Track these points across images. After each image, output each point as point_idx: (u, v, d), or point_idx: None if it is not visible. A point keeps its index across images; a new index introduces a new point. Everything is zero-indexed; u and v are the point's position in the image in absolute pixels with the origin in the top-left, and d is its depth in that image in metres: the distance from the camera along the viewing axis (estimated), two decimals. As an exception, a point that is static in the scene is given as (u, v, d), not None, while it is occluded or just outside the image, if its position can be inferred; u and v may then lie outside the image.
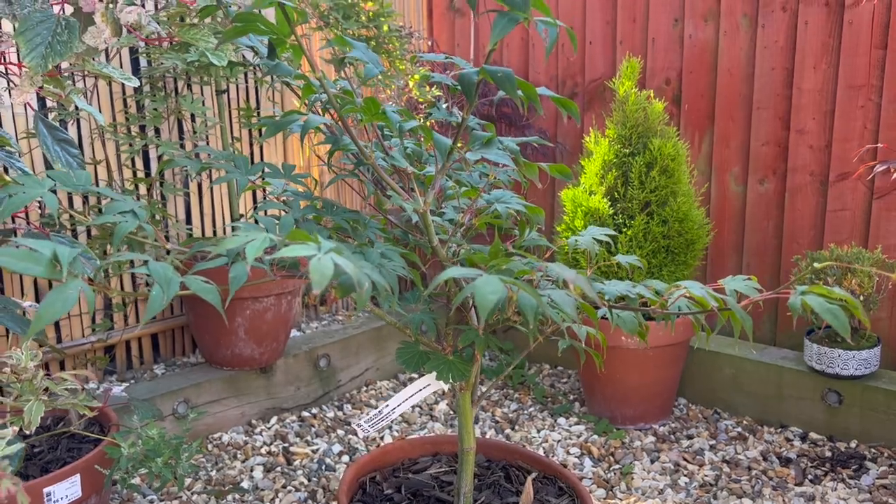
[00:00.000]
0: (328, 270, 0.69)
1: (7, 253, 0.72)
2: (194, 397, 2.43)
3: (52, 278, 0.74)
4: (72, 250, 0.76)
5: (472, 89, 0.89)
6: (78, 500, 1.53)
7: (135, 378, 2.61)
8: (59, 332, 2.43)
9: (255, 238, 0.74)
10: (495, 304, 0.72)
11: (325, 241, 0.75)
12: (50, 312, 0.72)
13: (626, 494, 2.15)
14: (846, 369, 2.37)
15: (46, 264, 0.74)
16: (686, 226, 2.38)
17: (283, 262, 1.13)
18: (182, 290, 0.84)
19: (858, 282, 2.31)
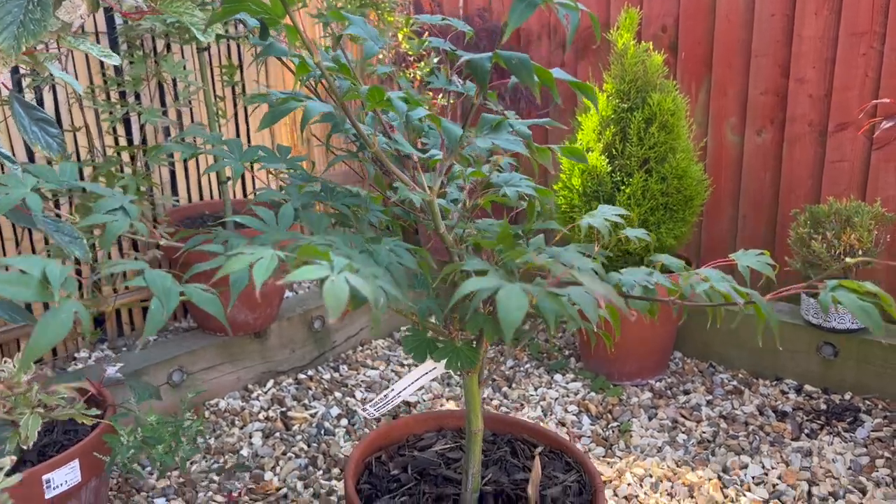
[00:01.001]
0: (343, 294, 0.64)
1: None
2: (189, 365, 2.40)
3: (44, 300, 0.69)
4: (62, 269, 0.71)
5: (485, 76, 0.83)
6: (78, 485, 1.51)
7: (126, 345, 2.57)
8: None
9: (263, 256, 0.69)
10: (520, 319, 0.68)
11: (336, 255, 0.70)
12: (44, 340, 0.67)
13: (626, 453, 2.16)
14: (843, 323, 2.38)
15: (37, 286, 0.69)
16: (685, 182, 2.33)
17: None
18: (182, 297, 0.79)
19: (857, 236, 2.29)
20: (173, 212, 2.51)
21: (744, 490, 1.97)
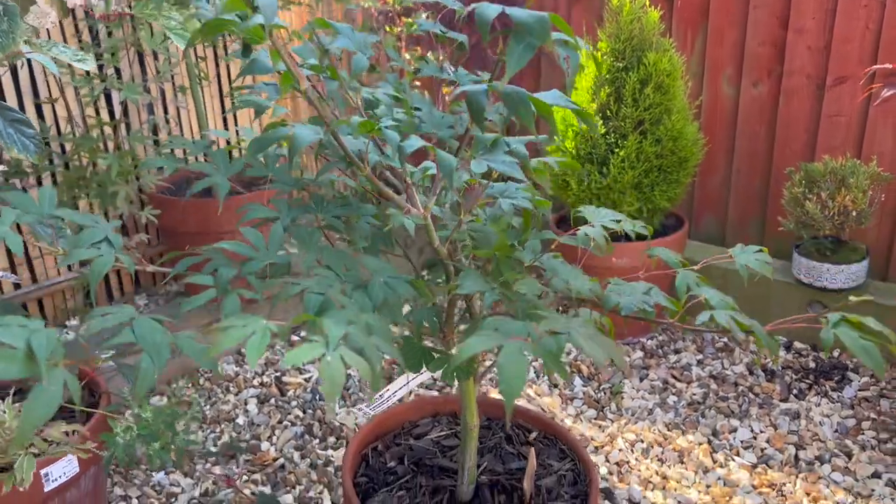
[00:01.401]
0: (340, 377, 0.62)
1: (-25, 359, 0.64)
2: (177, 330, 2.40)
3: (31, 376, 0.66)
4: (49, 338, 0.68)
5: (482, 111, 0.79)
6: (76, 476, 1.51)
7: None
8: (34, 272, 2.35)
9: (255, 330, 0.67)
10: (521, 389, 0.66)
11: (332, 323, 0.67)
12: (35, 417, 0.65)
13: (617, 416, 2.20)
14: (834, 283, 2.38)
15: (22, 360, 0.66)
16: (679, 144, 2.29)
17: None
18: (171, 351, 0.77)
19: (852, 197, 2.27)
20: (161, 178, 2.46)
21: (732, 454, 2.01)
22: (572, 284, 0.97)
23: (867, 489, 1.86)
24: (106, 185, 1.70)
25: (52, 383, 0.67)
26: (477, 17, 0.70)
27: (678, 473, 1.94)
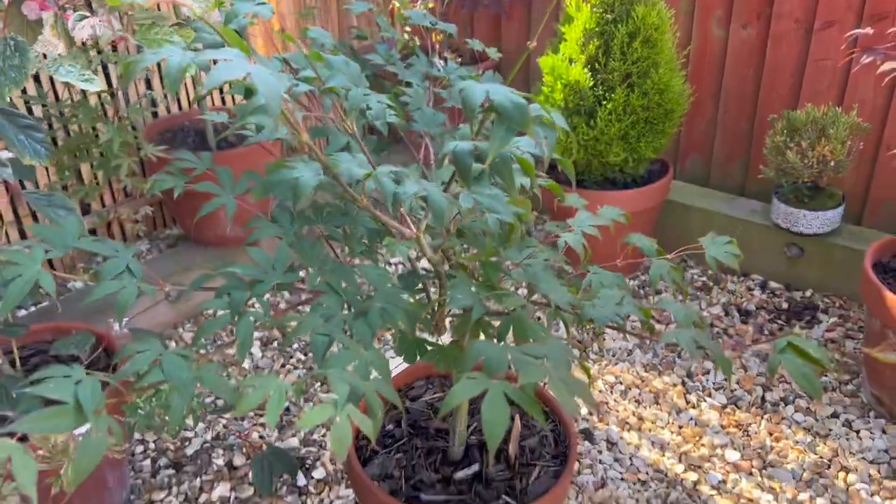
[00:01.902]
0: (347, 437, 0.73)
1: (31, 419, 0.75)
2: (185, 280, 2.50)
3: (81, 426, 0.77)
4: (93, 389, 0.78)
5: (469, 171, 0.87)
6: (101, 435, 1.65)
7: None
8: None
9: (272, 391, 0.77)
10: (502, 434, 0.78)
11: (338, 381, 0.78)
12: (86, 466, 0.76)
13: (599, 357, 2.35)
14: (810, 228, 2.49)
15: (73, 413, 0.77)
16: (666, 97, 2.34)
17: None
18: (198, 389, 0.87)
19: (831, 148, 2.35)
20: (153, 125, 2.50)
21: (705, 396, 2.17)
22: (552, 297, 1.07)
23: (825, 429, 2.03)
24: (109, 157, 1.76)
25: (99, 431, 0.77)
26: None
27: (653, 414, 2.11)
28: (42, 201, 1.55)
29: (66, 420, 0.76)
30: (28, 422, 0.74)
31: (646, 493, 1.87)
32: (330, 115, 1.20)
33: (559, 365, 0.88)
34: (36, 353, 1.87)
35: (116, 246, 1.04)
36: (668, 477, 1.91)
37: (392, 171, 0.92)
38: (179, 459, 1.97)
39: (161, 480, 1.90)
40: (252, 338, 0.99)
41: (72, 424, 0.76)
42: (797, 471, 1.91)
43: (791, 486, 1.87)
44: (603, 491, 1.87)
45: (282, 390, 0.78)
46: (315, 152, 0.92)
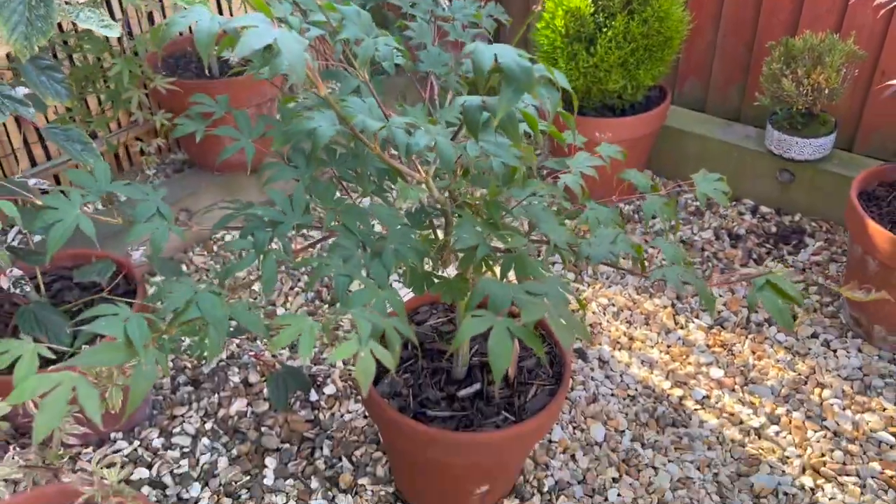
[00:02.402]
0: (371, 369, 0.83)
1: (89, 354, 0.84)
2: (193, 205, 2.58)
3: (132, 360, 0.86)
4: (140, 325, 0.87)
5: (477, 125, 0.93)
6: (126, 356, 1.77)
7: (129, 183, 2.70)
8: (47, 150, 2.47)
9: (303, 330, 0.86)
10: (506, 368, 0.87)
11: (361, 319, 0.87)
12: (139, 392, 0.86)
13: (593, 280, 2.45)
14: (801, 155, 2.55)
15: (123, 348, 0.86)
16: (665, 24, 2.36)
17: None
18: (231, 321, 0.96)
19: (826, 76, 2.38)
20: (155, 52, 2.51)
21: (693, 317, 2.29)
22: (551, 236, 1.16)
23: (805, 348, 2.16)
24: (119, 89, 1.80)
25: (148, 362, 0.87)
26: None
27: (643, 335, 2.23)
28: (60, 136, 1.61)
29: (119, 354, 0.86)
30: (86, 356, 0.84)
31: (634, 407, 2.00)
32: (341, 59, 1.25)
33: (557, 302, 0.97)
34: (57, 279, 1.96)
35: (146, 189, 1.11)
36: (656, 393, 2.04)
37: (404, 122, 0.98)
38: (197, 377, 2.09)
39: (181, 397, 2.03)
40: (276, 275, 1.07)
41: (124, 358, 0.86)
42: (776, 387, 2.04)
43: (770, 401, 2.01)
44: (594, 405, 2.00)
45: (312, 329, 0.87)
46: (332, 105, 0.98)
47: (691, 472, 1.83)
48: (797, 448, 1.88)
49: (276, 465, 1.85)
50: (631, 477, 1.82)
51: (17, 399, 0.77)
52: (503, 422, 1.52)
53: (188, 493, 1.79)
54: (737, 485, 1.80)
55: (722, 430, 1.93)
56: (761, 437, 1.91)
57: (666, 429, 1.94)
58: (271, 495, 1.78)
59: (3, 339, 0.82)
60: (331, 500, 1.77)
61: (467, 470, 1.58)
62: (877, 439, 1.89)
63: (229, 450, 1.89)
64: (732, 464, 1.85)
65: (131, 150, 2.75)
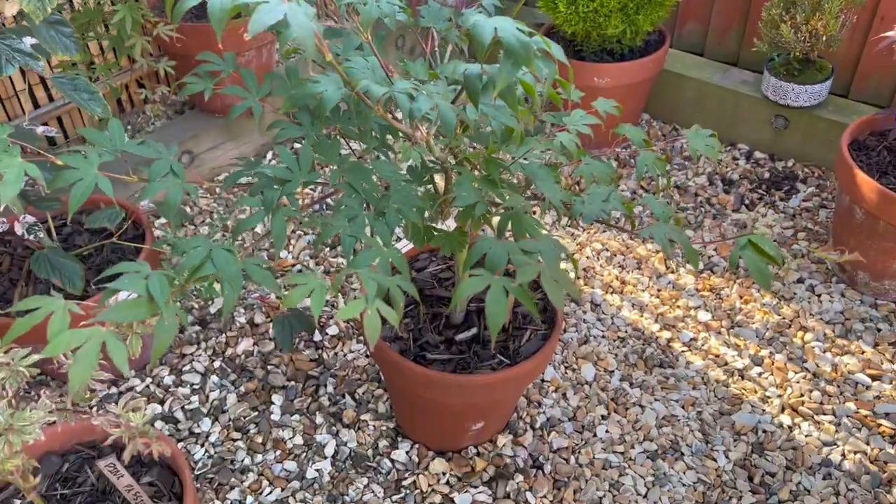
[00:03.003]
0: (378, 325, 0.89)
1: (114, 310, 0.90)
2: (195, 147, 2.61)
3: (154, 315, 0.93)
4: (161, 282, 0.94)
5: (477, 93, 0.98)
6: (137, 298, 1.84)
7: (130, 123, 2.73)
8: (49, 92, 2.49)
9: (314, 288, 0.92)
10: (502, 323, 0.94)
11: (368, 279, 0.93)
12: (162, 345, 0.93)
13: (588, 225, 2.51)
14: (797, 101, 2.58)
15: (145, 304, 0.92)
16: (667, -31, 2.35)
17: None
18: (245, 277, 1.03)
19: (824, 22, 2.39)
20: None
21: (683, 262, 2.36)
22: (547, 195, 1.21)
23: (790, 293, 2.24)
24: (122, 36, 1.81)
25: (169, 317, 0.94)
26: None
27: (635, 279, 2.31)
28: (67, 85, 1.64)
29: (142, 309, 0.92)
30: (112, 312, 0.90)
31: (624, 348, 2.09)
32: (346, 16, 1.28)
33: (551, 261, 1.04)
34: (66, 224, 2.02)
35: (160, 147, 1.16)
36: (645, 335, 2.13)
37: (407, 87, 1.03)
38: (205, 317, 2.17)
39: (189, 336, 2.11)
40: (285, 233, 1.13)
41: (147, 313, 0.92)
42: (761, 330, 2.13)
43: (754, 344, 2.10)
44: (585, 347, 2.09)
45: (322, 287, 0.94)
46: (338, 69, 1.02)
47: (676, 410, 1.93)
48: (778, 388, 1.97)
49: (282, 402, 1.95)
50: (619, 415, 1.92)
51: (51, 352, 0.84)
52: (498, 364, 1.61)
53: (199, 427, 1.89)
54: (719, 422, 1.90)
55: (707, 370, 2.03)
56: (744, 377, 2.01)
57: (653, 369, 2.03)
58: (279, 430, 1.88)
59: (23, 284, 0.88)
60: (335, 434, 1.88)
61: (464, 409, 1.67)
62: (854, 380, 1.99)
63: (237, 387, 1.99)
64: (716, 403, 1.95)
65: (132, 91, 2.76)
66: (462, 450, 1.82)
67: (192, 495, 1.32)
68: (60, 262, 1.73)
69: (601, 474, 1.79)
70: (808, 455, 1.82)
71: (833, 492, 1.74)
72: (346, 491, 1.76)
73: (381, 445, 1.85)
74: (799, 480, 1.77)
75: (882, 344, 2.06)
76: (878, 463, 1.80)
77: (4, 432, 0.93)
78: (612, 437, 1.87)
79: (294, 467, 1.81)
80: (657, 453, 1.83)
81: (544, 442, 1.85)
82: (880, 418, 1.89)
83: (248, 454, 1.84)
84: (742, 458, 1.82)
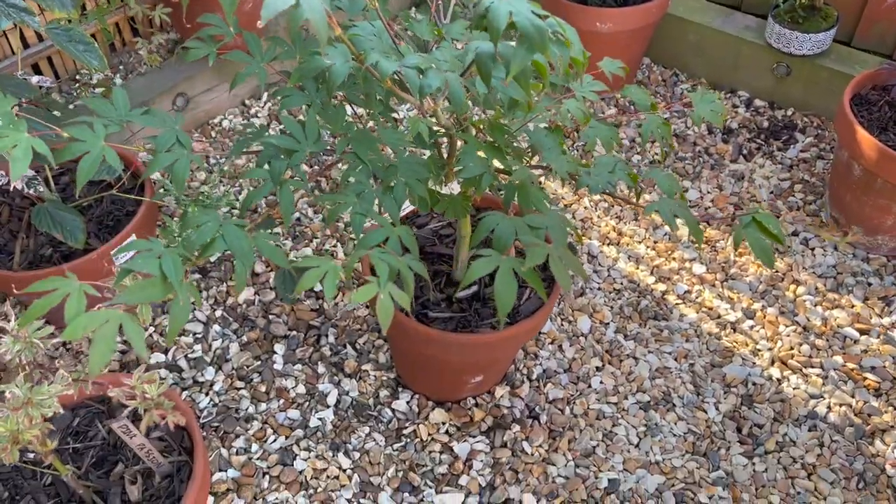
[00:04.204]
0: (391, 309, 0.91)
1: (130, 292, 0.91)
2: (189, 89, 2.57)
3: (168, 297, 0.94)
4: (174, 261, 0.95)
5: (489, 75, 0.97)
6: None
7: (122, 63, 2.67)
8: (40, 34, 2.43)
9: (327, 270, 0.93)
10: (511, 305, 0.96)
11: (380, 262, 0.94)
12: (177, 324, 0.94)
13: (587, 173, 2.51)
14: (800, 50, 2.55)
15: (160, 284, 0.93)
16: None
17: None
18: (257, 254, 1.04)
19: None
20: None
21: (680, 213, 2.38)
22: (554, 165, 1.21)
23: (784, 246, 2.27)
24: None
25: (183, 297, 0.95)
26: (488, 25, 0.85)
27: (632, 230, 2.33)
28: (62, 36, 1.60)
29: (156, 290, 0.93)
30: (127, 294, 0.92)
31: (619, 300, 2.13)
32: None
33: (558, 239, 1.05)
34: (62, 173, 2.01)
35: (165, 116, 1.14)
36: (640, 287, 2.17)
37: (416, 62, 1.02)
38: (205, 265, 2.18)
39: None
40: (293, 205, 1.14)
41: (162, 293, 0.94)
42: (754, 283, 2.17)
43: (747, 297, 2.14)
44: (581, 299, 2.13)
45: (335, 271, 0.95)
46: (347, 43, 1.00)
47: (669, 362, 1.98)
48: (768, 342, 2.02)
49: (284, 351, 1.98)
50: (613, 366, 1.97)
51: (70, 336, 0.86)
52: (497, 323, 1.64)
53: (203, 376, 1.93)
54: (710, 374, 1.95)
55: (700, 323, 2.07)
56: (736, 330, 2.05)
57: (648, 321, 2.08)
58: (281, 379, 1.93)
59: (24, 236, 0.87)
60: (337, 384, 1.92)
61: (464, 365, 1.71)
62: (842, 334, 2.04)
63: (239, 336, 2.02)
64: (707, 355, 2.00)
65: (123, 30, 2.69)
66: (461, 401, 1.88)
67: (202, 453, 1.36)
68: (61, 216, 1.73)
69: (595, 424, 1.85)
70: (795, 407, 1.88)
71: (818, 443, 1.81)
72: (348, 439, 1.81)
73: (381, 395, 1.90)
74: (785, 432, 1.83)
75: (872, 298, 2.11)
76: (861, 416, 1.86)
77: (24, 406, 0.95)
78: (606, 389, 1.92)
79: (297, 416, 1.86)
80: (649, 404, 1.89)
81: (540, 393, 1.90)
82: (866, 372, 1.95)
83: (252, 403, 1.88)
84: (732, 409, 1.88)
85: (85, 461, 1.44)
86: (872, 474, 1.75)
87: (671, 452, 1.80)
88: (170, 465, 1.41)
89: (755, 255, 1.11)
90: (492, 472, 1.76)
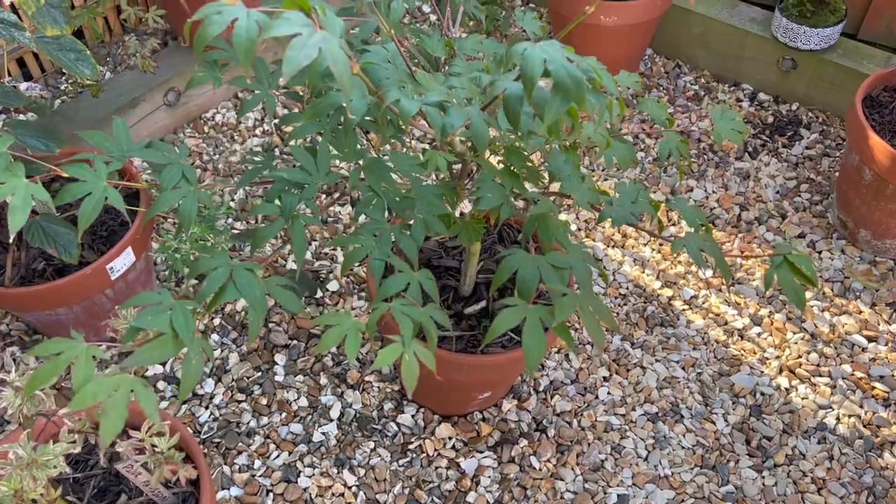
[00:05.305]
0: (416, 371, 0.86)
1: (141, 354, 0.86)
2: (180, 84, 2.49)
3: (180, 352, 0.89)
4: (186, 317, 0.89)
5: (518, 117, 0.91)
6: (133, 263, 1.79)
7: (110, 55, 2.58)
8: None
9: (349, 330, 0.88)
10: (541, 359, 0.92)
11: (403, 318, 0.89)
12: (190, 384, 0.90)
13: (589, 171, 2.46)
14: (807, 45, 2.50)
15: (172, 344, 0.88)
16: None
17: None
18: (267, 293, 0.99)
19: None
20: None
21: (685, 213, 2.34)
22: (574, 195, 1.17)
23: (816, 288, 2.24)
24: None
25: (195, 355, 0.90)
26: (522, 72, 0.79)
27: (636, 232, 2.29)
28: (52, 46, 1.53)
29: (167, 348, 0.88)
30: (139, 356, 0.87)
31: (625, 307, 2.10)
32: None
33: (584, 283, 1.01)
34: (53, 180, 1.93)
35: (168, 149, 1.08)
36: (646, 292, 2.13)
37: (437, 98, 0.96)
38: (201, 272, 2.13)
39: (188, 290, 2.07)
40: (305, 242, 1.08)
41: (173, 352, 0.89)
42: (761, 287, 2.14)
43: (754, 303, 2.11)
44: (588, 305, 2.09)
45: (356, 328, 0.90)
46: (365, 80, 0.95)
47: (676, 371, 1.95)
48: (776, 349, 2.00)
49: (285, 362, 1.94)
50: (620, 376, 1.95)
51: (79, 406, 0.81)
52: (508, 342, 1.60)
53: (202, 388, 1.89)
54: (718, 384, 1.93)
55: (707, 330, 2.04)
56: (744, 338, 2.03)
57: (654, 329, 2.05)
58: (283, 391, 1.88)
59: (15, 249, 0.80)
60: (340, 395, 1.88)
61: (473, 383, 1.68)
62: (850, 342, 2.02)
63: (239, 346, 1.97)
64: (715, 364, 1.97)
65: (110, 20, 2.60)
66: (467, 414, 1.85)
67: (209, 486, 1.32)
68: (55, 230, 1.67)
69: (603, 437, 1.83)
70: (804, 419, 1.86)
71: (827, 456, 1.80)
72: (353, 454, 1.78)
73: (386, 408, 1.86)
74: (794, 444, 1.82)
75: (879, 304, 2.09)
76: (870, 427, 1.85)
77: (27, 467, 0.91)
78: (613, 399, 1.90)
79: (300, 430, 1.82)
80: (658, 416, 1.87)
81: (548, 405, 1.88)
82: (874, 381, 1.93)
83: (253, 416, 1.84)
84: (740, 421, 1.86)
85: (86, 492, 1.40)
86: (882, 488, 1.75)
87: (680, 466, 1.79)
88: (174, 496, 1.37)
89: (787, 296, 1.07)
90: (500, 489, 1.74)
